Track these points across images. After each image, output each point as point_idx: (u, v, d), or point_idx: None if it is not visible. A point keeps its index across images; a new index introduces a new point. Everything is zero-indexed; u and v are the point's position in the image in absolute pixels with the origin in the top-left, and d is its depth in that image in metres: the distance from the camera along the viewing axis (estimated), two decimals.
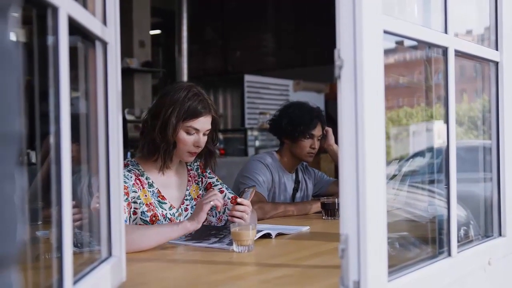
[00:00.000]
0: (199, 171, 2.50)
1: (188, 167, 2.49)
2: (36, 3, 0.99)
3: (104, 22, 1.41)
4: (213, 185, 2.48)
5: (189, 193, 2.43)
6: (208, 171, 2.51)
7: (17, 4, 0.66)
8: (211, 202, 2.07)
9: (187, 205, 2.40)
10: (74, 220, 1.16)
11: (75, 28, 1.15)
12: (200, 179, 2.49)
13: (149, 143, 2.28)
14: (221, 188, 2.48)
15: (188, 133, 2.27)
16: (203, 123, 2.29)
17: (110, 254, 1.43)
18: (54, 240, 1.08)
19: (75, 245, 1.29)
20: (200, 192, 2.47)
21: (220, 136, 7.97)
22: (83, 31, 1.25)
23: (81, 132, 1.39)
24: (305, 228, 2.46)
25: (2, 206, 0.60)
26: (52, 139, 1.05)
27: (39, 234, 1.71)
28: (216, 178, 2.52)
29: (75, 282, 1.13)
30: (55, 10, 1.03)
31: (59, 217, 1.05)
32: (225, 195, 2.44)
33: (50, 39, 1.05)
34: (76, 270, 1.15)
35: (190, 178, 2.46)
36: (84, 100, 1.43)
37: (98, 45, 1.39)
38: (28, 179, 1.88)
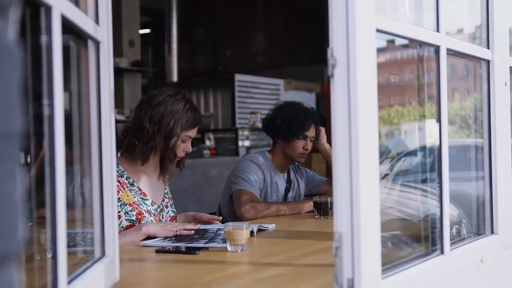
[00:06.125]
0: (167, 177, 2.63)
1: None
2: (29, 2, 0.99)
3: (97, 21, 1.40)
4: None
5: (167, 192, 2.57)
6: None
7: (17, 3, 0.66)
8: (177, 232, 2.20)
9: (166, 202, 2.54)
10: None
11: (67, 27, 1.15)
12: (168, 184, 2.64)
13: (150, 150, 2.37)
14: (171, 202, 2.61)
15: (183, 141, 2.41)
16: (196, 131, 2.47)
17: (103, 254, 1.42)
18: (47, 240, 1.07)
19: (68, 245, 1.28)
20: (170, 195, 2.63)
21: (211, 136, 7.96)
22: (75, 30, 1.24)
23: (73, 132, 1.38)
24: (271, 226, 2.46)
25: (4, 204, 0.61)
26: (45, 140, 1.05)
27: None
28: None
29: (69, 282, 1.12)
30: (48, 9, 1.02)
31: (53, 217, 1.04)
32: (168, 212, 2.55)
33: (43, 38, 1.05)
34: (69, 270, 1.15)
35: (166, 180, 2.59)
36: (76, 100, 1.42)
37: (91, 44, 1.39)
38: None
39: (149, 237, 2.18)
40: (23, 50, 0.71)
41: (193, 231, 2.23)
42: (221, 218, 2.58)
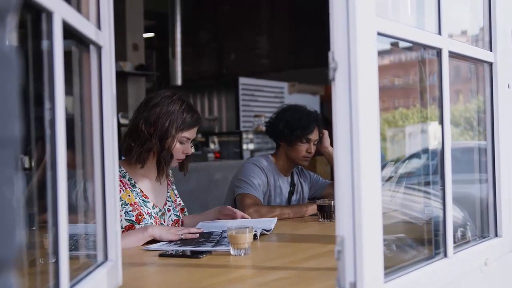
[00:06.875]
0: (172, 178, 2.65)
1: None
2: (31, 8, 0.99)
3: (98, 26, 1.41)
4: (176, 196, 2.64)
5: (169, 196, 2.57)
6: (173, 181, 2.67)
7: (15, 9, 0.66)
8: (182, 236, 2.21)
9: (169, 206, 2.54)
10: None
11: (69, 32, 1.15)
12: (173, 186, 2.64)
13: (146, 151, 2.37)
14: (173, 206, 2.58)
15: (180, 142, 2.41)
16: (195, 132, 2.46)
17: (106, 258, 1.43)
18: (49, 245, 1.08)
19: (70, 249, 1.29)
20: (176, 197, 2.62)
21: (215, 139, 7.96)
22: (77, 35, 1.25)
23: (75, 137, 1.38)
24: (274, 221, 2.51)
25: (2, 210, 0.61)
26: (47, 144, 1.05)
27: None
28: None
29: (71, 287, 1.13)
30: (49, 14, 1.03)
31: (55, 222, 1.04)
32: (170, 215, 2.54)
33: (44, 44, 1.05)
34: (72, 274, 1.15)
35: (169, 182, 2.60)
36: (78, 105, 1.43)
37: (92, 49, 1.39)
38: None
39: (152, 240, 2.18)
40: (25, 55, 0.71)
41: (197, 235, 2.23)
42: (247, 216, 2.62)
